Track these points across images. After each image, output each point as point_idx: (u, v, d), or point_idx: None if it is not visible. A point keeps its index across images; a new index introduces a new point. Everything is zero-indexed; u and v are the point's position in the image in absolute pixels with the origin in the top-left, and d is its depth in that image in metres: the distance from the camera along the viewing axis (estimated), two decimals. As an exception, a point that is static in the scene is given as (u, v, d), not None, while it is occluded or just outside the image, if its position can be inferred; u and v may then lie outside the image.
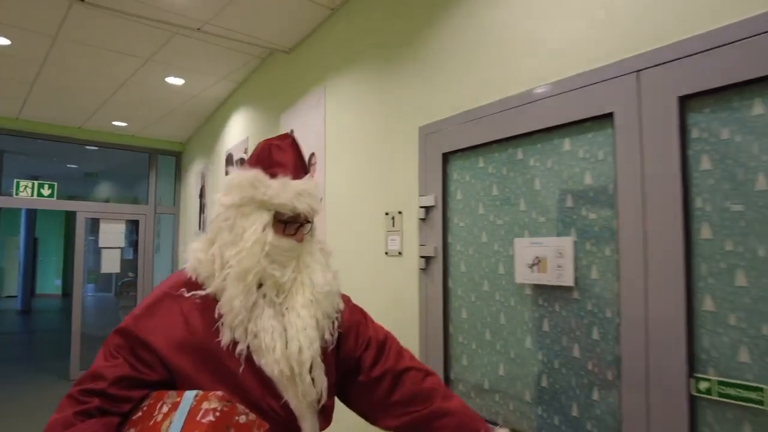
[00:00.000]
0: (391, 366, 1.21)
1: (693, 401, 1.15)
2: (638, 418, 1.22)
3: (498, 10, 1.70)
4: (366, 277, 2.34)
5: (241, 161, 4.20)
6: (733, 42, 1.09)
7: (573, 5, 1.45)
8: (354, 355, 1.21)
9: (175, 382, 1.01)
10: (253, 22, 3.00)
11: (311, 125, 3.01)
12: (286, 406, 1.06)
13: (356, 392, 1.22)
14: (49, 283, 14.05)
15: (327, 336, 1.12)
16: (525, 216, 1.57)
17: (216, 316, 1.04)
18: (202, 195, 5.43)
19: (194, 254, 1.11)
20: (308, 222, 1.15)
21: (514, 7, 1.64)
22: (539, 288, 1.51)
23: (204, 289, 1.06)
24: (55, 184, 5.53)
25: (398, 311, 2.11)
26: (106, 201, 6.20)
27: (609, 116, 1.33)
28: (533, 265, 1.50)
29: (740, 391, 1.07)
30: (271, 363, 1.03)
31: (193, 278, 1.08)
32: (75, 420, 0.90)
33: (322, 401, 1.10)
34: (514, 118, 1.58)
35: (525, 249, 1.53)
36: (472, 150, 1.77)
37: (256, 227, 1.07)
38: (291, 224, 1.12)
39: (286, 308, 1.09)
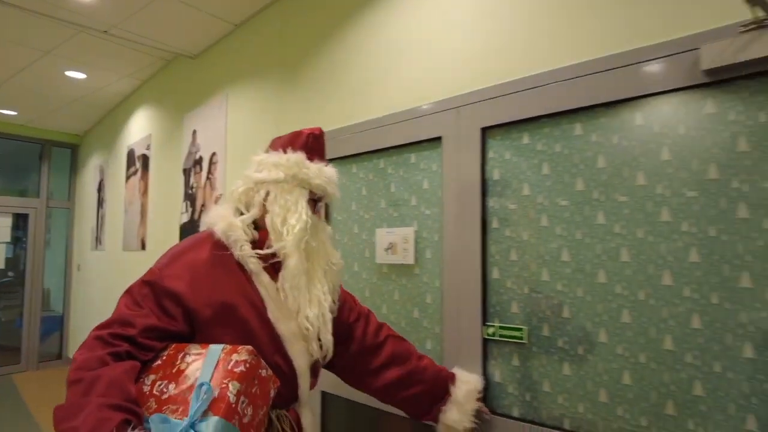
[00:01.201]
0: (375, 335, 1.45)
1: (485, 342, 1.64)
2: (452, 358, 1.70)
3: (362, 54, 2.14)
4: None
5: (144, 157, 4.30)
6: (512, 93, 1.59)
7: (415, 55, 1.92)
8: (348, 322, 1.40)
9: (195, 335, 1.08)
10: (160, 30, 3.19)
11: (213, 127, 3.27)
12: (289, 364, 1.16)
13: (347, 360, 1.41)
14: None
15: (331, 304, 1.25)
16: (384, 212, 2.01)
17: (243, 276, 1.14)
18: (100, 189, 5.37)
19: (225, 219, 1.18)
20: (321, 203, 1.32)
21: (372, 51, 2.09)
22: (393, 266, 1.96)
23: (230, 251, 1.15)
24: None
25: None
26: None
27: (439, 139, 1.80)
28: (388, 249, 1.94)
29: (511, 332, 1.57)
30: (291, 321, 1.15)
31: (222, 240, 1.16)
32: (108, 359, 0.94)
33: (328, 358, 1.22)
34: (377, 136, 2.02)
35: (383, 237, 1.97)
36: (347, 158, 2.18)
37: (301, 202, 1.19)
38: (316, 203, 1.28)
39: (311, 275, 1.22)
